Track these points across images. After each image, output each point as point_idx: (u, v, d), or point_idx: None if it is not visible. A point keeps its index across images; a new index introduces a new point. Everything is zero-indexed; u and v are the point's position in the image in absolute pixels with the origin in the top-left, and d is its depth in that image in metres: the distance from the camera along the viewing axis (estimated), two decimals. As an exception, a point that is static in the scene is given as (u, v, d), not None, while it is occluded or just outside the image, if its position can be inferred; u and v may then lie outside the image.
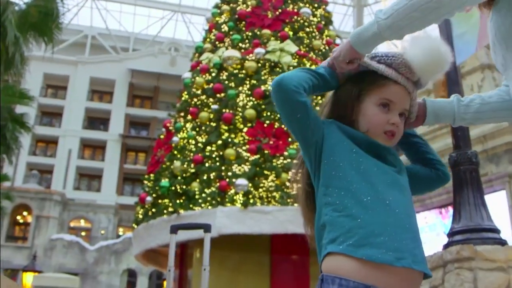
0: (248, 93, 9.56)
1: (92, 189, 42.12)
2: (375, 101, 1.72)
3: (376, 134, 1.70)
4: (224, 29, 10.94)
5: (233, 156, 8.84)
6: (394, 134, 1.72)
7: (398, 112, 1.72)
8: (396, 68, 1.73)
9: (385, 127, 1.70)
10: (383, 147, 1.71)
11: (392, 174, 1.66)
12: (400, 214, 1.56)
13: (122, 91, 44.52)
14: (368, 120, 1.72)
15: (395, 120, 1.71)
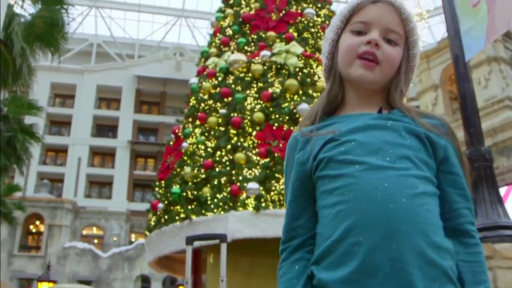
0: (255, 96, 9.53)
1: (103, 196, 42.27)
2: (348, 30, 1.47)
3: (350, 67, 1.43)
4: (229, 33, 10.91)
5: (243, 160, 8.81)
6: (374, 56, 1.40)
7: (377, 32, 1.41)
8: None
9: (357, 50, 1.41)
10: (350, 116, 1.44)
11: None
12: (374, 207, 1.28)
13: (129, 97, 44.67)
14: (340, 54, 1.47)
15: (371, 37, 1.40)
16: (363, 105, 1.46)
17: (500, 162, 15.46)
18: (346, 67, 1.43)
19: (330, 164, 1.36)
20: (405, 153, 1.34)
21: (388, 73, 1.43)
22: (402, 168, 1.31)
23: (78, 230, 36.91)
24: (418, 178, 1.32)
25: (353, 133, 1.37)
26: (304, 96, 9.43)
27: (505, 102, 15.89)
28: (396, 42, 1.43)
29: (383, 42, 1.41)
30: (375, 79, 1.41)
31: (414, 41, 1.49)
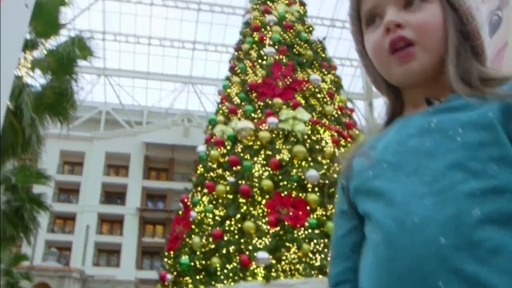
0: (263, 163, 9.51)
1: (111, 265, 41.73)
2: (364, 29, 1.14)
3: (389, 71, 1.08)
4: (236, 101, 11.01)
5: (253, 229, 8.71)
6: (403, 39, 1.03)
7: (392, 8, 1.06)
8: None
9: (384, 46, 1.06)
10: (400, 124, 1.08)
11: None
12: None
13: (137, 164, 44.80)
14: (373, 61, 1.13)
15: (386, 21, 1.05)
16: (420, 102, 1.09)
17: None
18: (386, 73, 1.10)
19: (359, 195, 1.06)
20: (455, 160, 0.93)
21: (434, 46, 1.04)
22: (447, 187, 0.91)
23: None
24: (474, 195, 0.89)
25: (387, 149, 1.04)
26: (312, 162, 9.41)
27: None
28: (420, 2, 1.05)
29: (404, 13, 1.05)
30: (422, 65, 1.04)
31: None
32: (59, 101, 12.86)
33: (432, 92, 1.08)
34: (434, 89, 1.08)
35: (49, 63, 12.43)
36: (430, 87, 1.08)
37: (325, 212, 8.92)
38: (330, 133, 10.08)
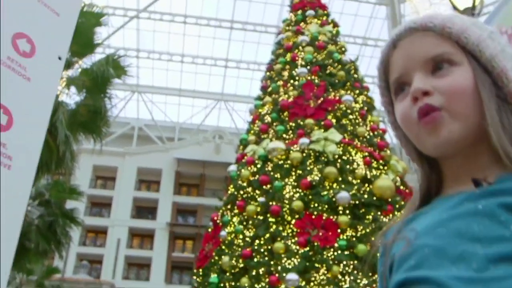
0: (294, 184, 9.49)
1: (141, 278, 41.96)
2: (394, 99, 1.09)
3: (419, 141, 1.02)
4: (267, 120, 11.05)
5: (282, 250, 8.68)
6: (430, 107, 0.97)
7: (419, 75, 1.00)
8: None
9: (413, 116, 1.00)
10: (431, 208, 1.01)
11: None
12: None
13: (168, 179, 45.12)
14: (405, 132, 1.07)
15: (414, 88, 1.00)
16: (466, 176, 1.00)
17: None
18: (418, 143, 1.03)
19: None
20: (506, 251, 0.84)
21: (464, 111, 0.97)
22: (498, 279, 0.82)
23: (115, 313, 36.53)
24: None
25: (429, 232, 0.93)
26: (343, 184, 9.36)
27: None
28: (449, 67, 1.00)
29: (432, 78, 1.00)
30: (451, 133, 0.97)
31: (475, 43, 1.01)
32: (92, 119, 13.09)
33: (475, 165, 1.00)
34: (477, 162, 1.00)
35: (84, 81, 12.68)
36: (473, 158, 1.00)
37: (355, 233, 8.86)
38: (362, 154, 10.03)
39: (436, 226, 0.93)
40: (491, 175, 0.95)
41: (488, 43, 1.02)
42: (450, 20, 1.04)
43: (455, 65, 1.00)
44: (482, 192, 0.93)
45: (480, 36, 1.02)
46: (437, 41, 1.02)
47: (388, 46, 1.09)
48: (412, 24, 1.06)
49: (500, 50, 1.02)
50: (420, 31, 1.04)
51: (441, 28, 1.03)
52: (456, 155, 1.01)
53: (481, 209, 0.89)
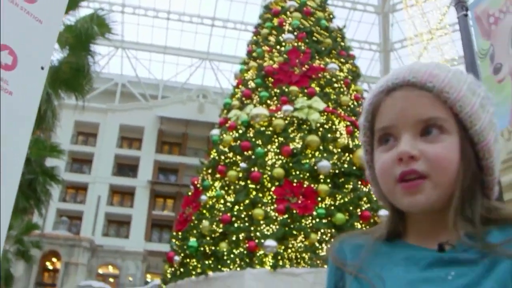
0: (276, 151, 9.51)
1: (121, 236, 42.19)
2: (376, 144, 1.09)
3: (393, 196, 1.03)
4: (251, 86, 10.99)
5: (261, 216, 8.75)
6: (415, 172, 0.98)
7: (408, 135, 1.00)
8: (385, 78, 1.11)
9: (393, 173, 1.00)
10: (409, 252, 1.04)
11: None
12: None
13: (151, 137, 45.01)
14: (379, 181, 1.07)
15: (400, 150, 1.00)
16: (429, 231, 1.05)
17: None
18: (391, 196, 1.04)
19: None
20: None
21: (445, 182, 0.99)
22: None
23: (94, 269, 36.77)
24: None
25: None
26: (325, 152, 9.40)
27: (529, 157, 15.68)
28: (439, 133, 1.00)
29: (421, 143, 1.00)
30: (428, 200, 0.99)
31: (468, 114, 1.02)
32: (75, 77, 12.89)
33: (440, 224, 1.03)
34: (442, 221, 1.03)
35: (67, 38, 12.42)
36: (438, 218, 1.04)
37: (334, 202, 8.93)
38: (345, 123, 10.05)
39: (406, 285, 0.96)
40: (450, 237, 1.00)
41: (480, 114, 1.03)
42: (449, 84, 1.02)
43: (445, 132, 1.01)
44: (450, 258, 0.97)
45: (473, 106, 1.02)
46: (432, 105, 1.01)
47: (380, 92, 1.08)
48: (411, 78, 1.04)
49: (488, 121, 1.04)
50: (418, 89, 1.03)
51: (439, 91, 1.02)
52: (425, 214, 1.04)
53: (450, 279, 0.94)
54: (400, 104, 1.03)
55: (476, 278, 0.93)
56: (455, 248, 0.99)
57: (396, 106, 1.03)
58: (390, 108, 1.04)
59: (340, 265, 1.09)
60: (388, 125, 1.04)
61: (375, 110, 1.08)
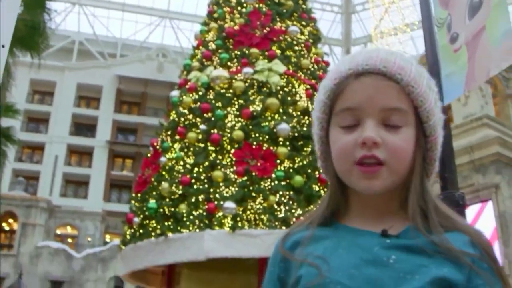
0: (236, 113, 9.52)
1: (79, 196, 41.94)
2: (335, 122, 1.12)
3: (349, 176, 1.08)
4: (212, 47, 10.89)
5: (220, 178, 8.80)
6: (375, 158, 1.05)
7: (372, 122, 1.06)
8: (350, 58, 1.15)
9: (353, 155, 1.06)
10: (359, 231, 1.10)
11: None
12: None
13: (109, 97, 44.41)
14: (334, 159, 1.12)
15: (365, 135, 1.05)
16: (373, 215, 1.12)
17: (476, 179, 15.70)
18: (345, 176, 1.10)
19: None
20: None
21: (400, 170, 1.07)
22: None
23: (52, 229, 36.55)
24: None
25: (342, 271, 1.03)
26: (284, 115, 9.45)
27: (484, 120, 16.12)
28: (400, 124, 1.07)
29: (383, 131, 1.05)
30: (383, 186, 1.06)
31: (427, 109, 1.09)
32: (30, 35, 12.56)
33: (385, 208, 1.11)
34: (388, 206, 1.11)
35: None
36: (386, 202, 1.11)
37: (293, 164, 9.03)
38: (304, 87, 10.09)
39: (350, 267, 1.02)
40: (398, 222, 1.09)
41: (434, 110, 1.12)
42: (415, 79, 1.08)
43: (404, 124, 1.08)
44: (392, 243, 1.05)
45: (431, 102, 1.11)
46: (399, 96, 1.07)
47: (350, 74, 1.11)
48: (382, 67, 1.08)
49: (439, 117, 1.14)
50: (386, 79, 1.08)
51: (406, 84, 1.08)
52: (373, 198, 1.11)
53: (391, 262, 1.01)
54: (369, 89, 1.07)
55: (416, 267, 1.00)
56: (398, 235, 1.06)
57: (365, 91, 1.07)
58: (358, 92, 1.08)
59: (287, 255, 1.13)
60: (354, 106, 1.08)
61: (339, 91, 1.12)
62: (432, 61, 4.63)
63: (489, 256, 1.05)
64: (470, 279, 1.01)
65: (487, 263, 1.03)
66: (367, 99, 1.06)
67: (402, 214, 1.10)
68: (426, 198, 1.10)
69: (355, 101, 1.08)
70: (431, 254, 1.02)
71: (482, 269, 1.02)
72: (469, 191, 14.42)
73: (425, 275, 0.99)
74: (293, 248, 1.14)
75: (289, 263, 1.12)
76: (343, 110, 1.10)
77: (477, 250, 1.04)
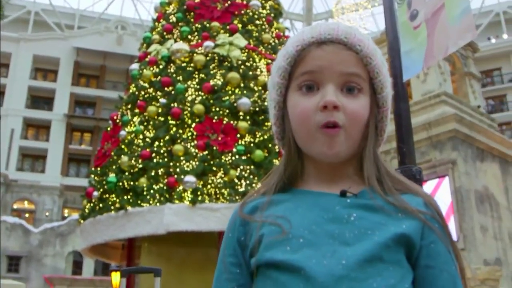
0: (196, 87, 9.47)
1: (36, 170, 41.22)
2: (294, 87, 1.15)
3: (309, 141, 1.12)
4: (172, 20, 10.77)
5: (181, 152, 8.78)
6: (336, 125, 1.08)
7: (332, 86, 1.09)
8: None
9: (314, 119, 1.09)
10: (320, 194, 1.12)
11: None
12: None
13: (67, 69, 43.50)
14: (292, 123, 1.15)
15: (326, 98, 1.08)
16: (329, 179, 1.15)
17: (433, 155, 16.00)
18: (304, 141, 1.13)
19: (269, 267, 1.06)
20: (369, 256, 1.01)
21: (356, 135, 1.11)
22: (360, 279, 0.99)
23: (8, 204, 35.93)
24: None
25: (304, 227, 1.06)
26: (245, 90, 9.45)
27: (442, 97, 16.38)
28: (358, 88, 1.11)
29: (341, 96, 1.09)
30: (341, 150, 1.10)
31: (381, 81, 1.14)
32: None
33: (340, 173, 1.15)
34: (343, 170, 1.16)
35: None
36: (341, 167, 1.15)
37: (253, 139, 9.07)
38: (265, 61, 10.09)
39: (311, 223, 1.06)
40: (353, 185, 1.13)
41: (387, 83, 1.17)
42: (372, 52, 1.14)
43: (361, 91, 1.12)
44: (351, 202, 1.10)
45: (385, 75, 1.16)
46: (357, 64, 1.12)
47: (312, 42, 1.13)
48: (343, 37, 1.12)
49: (390, 90, 1.19)
50: (347, 49, 1.12)
51: (365, 56, 1.13)
52: (330, 163, 1.15)
53: (352, 220, 1.06)
54: (330, 55, 1.11)
55: (377, 224, 1.05)
56: (357, 196, 1.11)
57: (326, 57, 1.11)
58: (319, 58, 1.12)
59: (247, 218, 1.15)
60: (314, 70, 1.11)
61: (301, 57, 1.14)
62: (392, 37, 4.68)
63: (439, 216, 1.11)
64: (424, 236, 1.07)
65: (438, 222, 1.10)
66: (327, 64, 1.10)
67: (356, 179, 1.15)
68: (378, 164, 1.15)
69: (316, 65, 1.11)
70: (389, 213, 1.07)
71: (435, 227, 1.09)
72: (426, 167, 14.70)
73: (385, 231, 1.04)
74: (252, 213, 1.16)
75: (248, 226, 1.14)
76: (303, 73, 1.13)
77: (429, 210, 1.10)
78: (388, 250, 1.02)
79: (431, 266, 1.07)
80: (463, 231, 14.41)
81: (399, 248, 1.04)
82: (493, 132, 16.71)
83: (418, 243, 1.06)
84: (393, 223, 1.06)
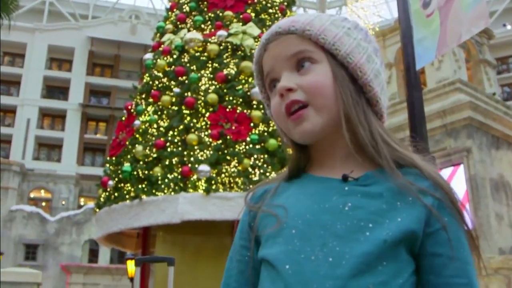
0: (210, 76, 9.49)
1: (52, 159, 41.56)
2: (267, 89, 1.20)
3: (288, 129, 1.14)
4: (185, 9, 10.77)
5: (195, 141, 8.82)
6: (296, 102, 1.08)
7: (284, 72, 1.12)
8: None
9: (281, 112, 1.11)
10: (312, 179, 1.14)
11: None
12: None
13: (81, 59, 43.70)
14: (274, 120, 1.19)
15: (278, 86, 1.11)
16: (330, 164, 1.14)
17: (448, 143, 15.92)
18: (288, 133, 1.15)
19: (265, 264, 1.09)
20: (358, 251, 0.97)
21: (326, 105, 1.08)
22: (348, 276, 0.96)
23: (25, 193, 36.27)
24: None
25: (299, 215, 1.05)
26: (258, 78, 9.43)
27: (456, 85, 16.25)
28: (311, 61, 1.11)
29: (297, 76, 1.10)
30: (315, 126, 1.09)
31: (332, 42, 1.11)
32: (1, 0, 12.29)
33: (337, 154, 1.13)
34: (338, 150, 1.13)
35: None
36: (334, 146, 1.13)
37: (267, 128, 9.09)
38: (278, 50, 10.06)
39: (307, 212, 1.05)
40: (355, 169, 1.10)
41: (344, 41, 1.12)
42: (310, 23, 1.13)
43: (315, 62, 1.11)
44: (350, 189, 1.07)
45: (336, 35, 1.12)
46: (297, 42, 1.12)
47: (259, 49, 1.19)
48: (277, 29, 1.15)
49: (355, 45, 1.13)
50: (284, 35, 1.14)
51: (302, 31, 1.12)
52: (320, 142, 1.13)
53: (346, 210, 1.03)
54: (273, 51, 1.15)
55: (372, 214, 1.01)
56: (358, 180, 1.08)
57: (271, 55, 1.15)
58: (268, 58, 1.16)
59: (250, 207, 1.19)
60: (270, 69, 1.16)
61: (260, 68, 1.20)
62: (405, 26, 4.67)
63: (450, 198, 1.05)
64: (430, 223, 1.03)
65: (448, 207, 1.04)
66: (274, 59, 1.14)
67: (360, 159, 1.10)
68: (372, 130, 1.09)
69: (268, 67, 1.16)
70: (389, 201, 1.03)
71: (443, 213, 1.03)
72: (441, 155, 14.63)
73: (380, 224, 1.00)
74: (259, 200, 1.18)
75: (255, 213, 1.16)
76: (266, 77, 1.18)
77: (438, 192, 1.05)
78: (382, 246, 0.98)
79: (439, 254, 1.02)
80: (478, 219, 14.35)
81: (395, 242, 0.99)
82: (509, 120, 16.56)
83: (420, 232, 1.01)
84: (391, 215, 1.01)
